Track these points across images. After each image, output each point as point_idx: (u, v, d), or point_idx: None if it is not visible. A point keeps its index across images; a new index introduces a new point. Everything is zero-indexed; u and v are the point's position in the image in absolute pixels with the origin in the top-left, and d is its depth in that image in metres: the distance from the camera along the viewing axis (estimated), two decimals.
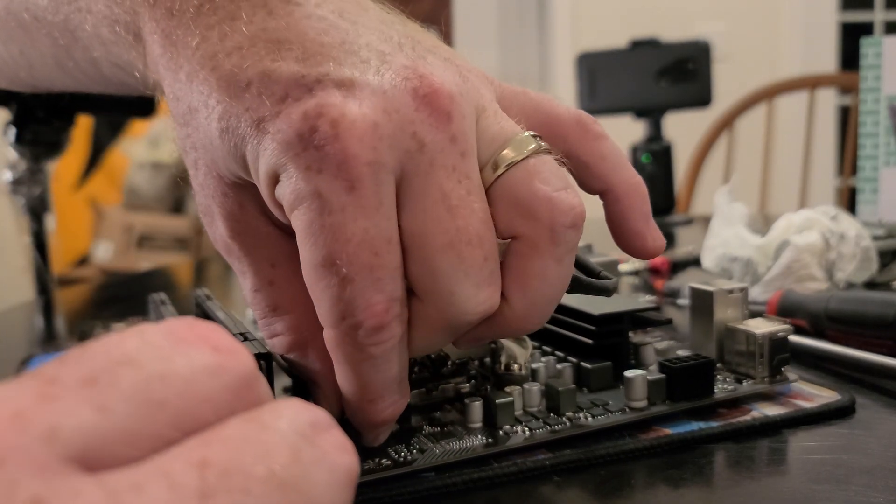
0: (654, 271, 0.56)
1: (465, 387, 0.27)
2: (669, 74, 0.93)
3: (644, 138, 0.95)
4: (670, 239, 0.80)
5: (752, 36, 2.25)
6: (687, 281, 0.47)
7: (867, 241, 0.43)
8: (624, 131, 1.14)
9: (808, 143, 1.35)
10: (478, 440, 0.24)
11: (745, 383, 0.28)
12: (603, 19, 2.24)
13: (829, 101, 2.15)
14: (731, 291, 0.29)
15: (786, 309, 0.36)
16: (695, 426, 0.25)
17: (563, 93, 2.29)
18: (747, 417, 0.26)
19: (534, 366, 0.29)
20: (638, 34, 0.98)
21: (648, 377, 0.26)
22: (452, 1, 1.24)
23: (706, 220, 0.93)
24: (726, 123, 1.32)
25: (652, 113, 0.95)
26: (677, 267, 0.58)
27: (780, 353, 0.27)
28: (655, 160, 0.93)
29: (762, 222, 0.84)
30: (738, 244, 0.43)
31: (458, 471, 0.23)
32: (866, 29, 2.30)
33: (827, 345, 0.33)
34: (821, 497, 0.21)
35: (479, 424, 0.25)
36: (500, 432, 0.25)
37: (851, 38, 2.24)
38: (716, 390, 0.27)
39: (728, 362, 0.29)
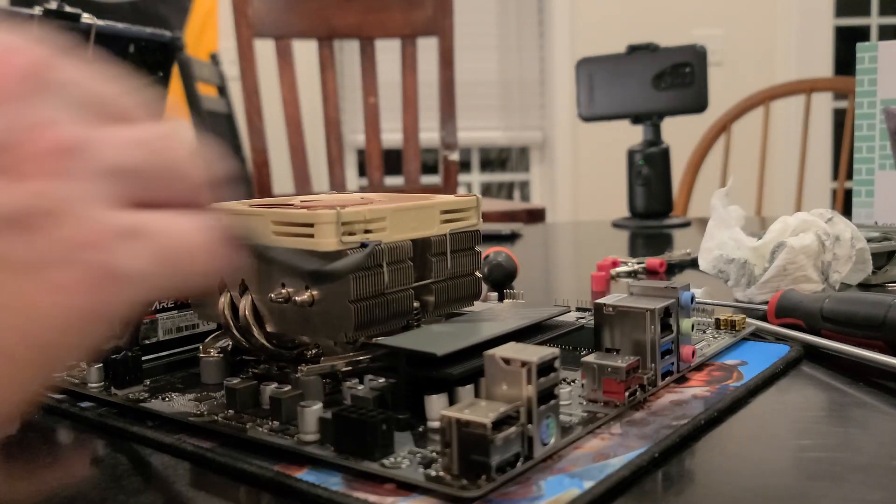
0: (651, 273, 0.57)
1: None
2: (666, 80, 0.94)
3: (642, 142, 0.95)
4: (667, 241, 0.81)
5: (748, 41, 2.26)
6: (683, 283, 0.48)
7: (862, 243, 0.43)
8: (622, 135, 1.15)
9: (804, 147, 1.36)
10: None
11: (432, 468, 0.21)
12: (602, 25, 2.25)
13: (824, 106, 2.17)
14: (507, 361, 0.21)
15: (784, 309, 0.36)
16: (324, 480, 0.22)
17: (562, 98, 2.30)
18: (371, 498, 0.21)
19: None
20: (636, 40, 0.98)
21: (321, 414, 0.23)
22: (453, 8, 1.25)
23: (703, 223, 0.94)
24: (723, 127, 1.33)
25: (649, 118, 0.95)
26: (674, 269, 0.59)
27: (475, 454, 0.20)
28: (653, 164, 0.93)
29: (759, 225, 0.84)
30: (733, 246, 0.43)
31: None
32: (862, 34, 2.31)
33: (823, 341, 0.33)
34: (816, 494, 0.21)
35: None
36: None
37: (847, 43, 2.25)
38: (387, 460, 0.22)
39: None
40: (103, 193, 0.16)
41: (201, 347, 0.31)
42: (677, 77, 0.94)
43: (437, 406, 0.24)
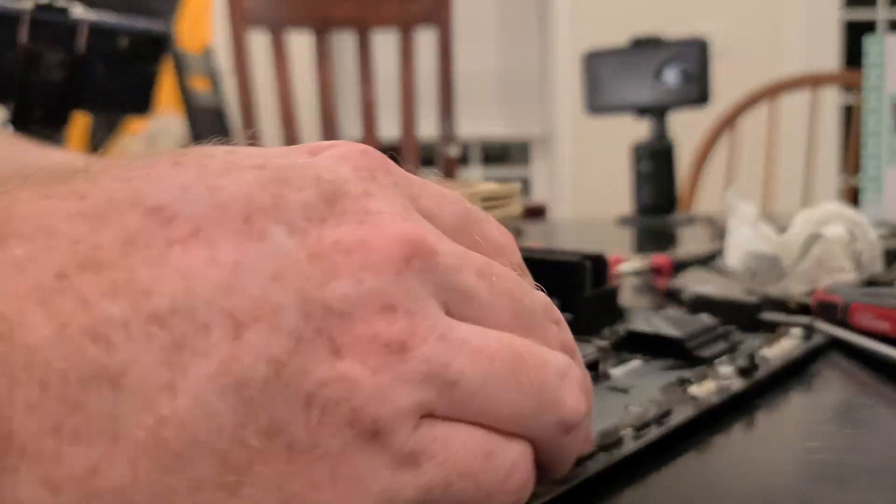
0: (657, 271, 0.55)
1: None
2: (669, 72, 0.93)
3: (646, 137, 0.95)
4: (672, 238, 0.80)
5: (754, 34, 2.25)
6: (689, 280, 0.47)
7: (873, 235, 0.43)
8: (625, 129, 1.13)
9: (811, 142, 1.35)
10: None
11: None
12: (604, 18, 2.23)
13: (832, 100, 2.15)
14: None
15: (829, 289, 0.37)
16: None
17: (564, 91, 2.28)
18: None
19: None
20: (639, 32, 0.98)
21: None
22: None
23: (709, 220, 0.93)
24: (729, 122, 1.32)
25: (652, 112, 0.94)
26: (680, 267, 0.58)
27: None
28: (657, 159, 0.92)
29: (766, 220, 0.83)
30: (761, 242, 0.43)
31: None
32: (869, 27, 2.29)
33: (849, 334, 0.33)
34: (823, 498, 0.21)
35: None
36: None
37: (854, 36, 2.24)
38: None
39: None
40: (406, 404, 0.13)
41: None
42: (680, 70, 0.93)
43: None
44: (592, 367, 0.28)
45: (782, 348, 0.30)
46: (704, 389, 0.26)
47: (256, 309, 0.13)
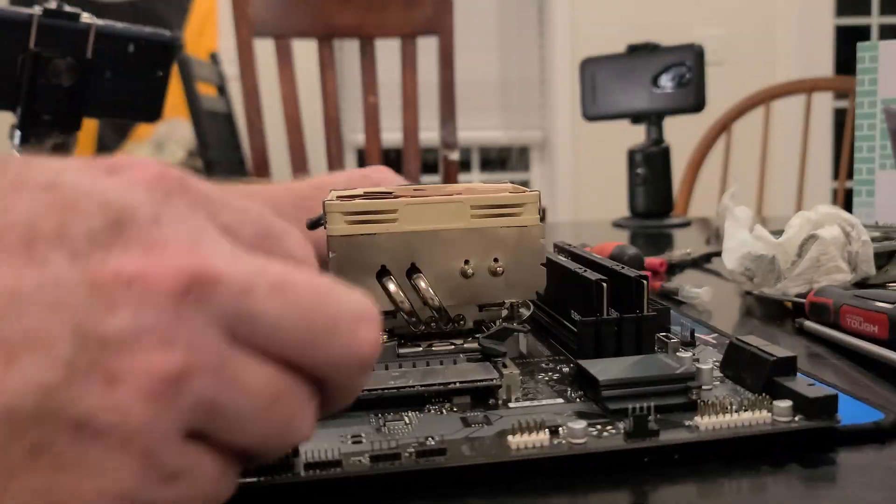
0: (652, 273, 0.56)
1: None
2: (664, 79, 0.94)
3: (642, 142, 0.95)
4: (668, 241, 0.81)
5: (749, 40, 2.26)
6: (684, 282, 0.48)
7: (866, 236, 0.44)
8: (623, 134, 1.14)
9: (805, 147, 1.36)
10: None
11: None
12: (602, 25, 2.25)
13: (825, 105, 2.16)
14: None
15: (820, 291, 0.38)
16: None
17: (562, 97, 2.30)
18: None
19: None
20: (637, 39, 0.98)
21: None
22: (453, 6, 1.24)
23: (704, 223, 0.94)
24: (724, 127, 1.33)
25: (649, 118, 0.95)
26: (674, 268, 0.59)
27: None
28: (653, 164, 0.93)
29: (761, 224, 0.84)
30: (758, 244, 0.43)
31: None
32: (862, 33, 2.31)
33: (839, 334, 0.34)
34: (818, 495, 0.21)
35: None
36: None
37: (848, 43, 2.25)
38: None
39: None
40: (174, 428, 0.15)
41: None
42: (675, 76, 0.94)
43: None
44: (486, 391, 0.26)
45: (735, 420, 0.23)
46: (525, 441, 0.22)
47: (30, 339, 0.13)
